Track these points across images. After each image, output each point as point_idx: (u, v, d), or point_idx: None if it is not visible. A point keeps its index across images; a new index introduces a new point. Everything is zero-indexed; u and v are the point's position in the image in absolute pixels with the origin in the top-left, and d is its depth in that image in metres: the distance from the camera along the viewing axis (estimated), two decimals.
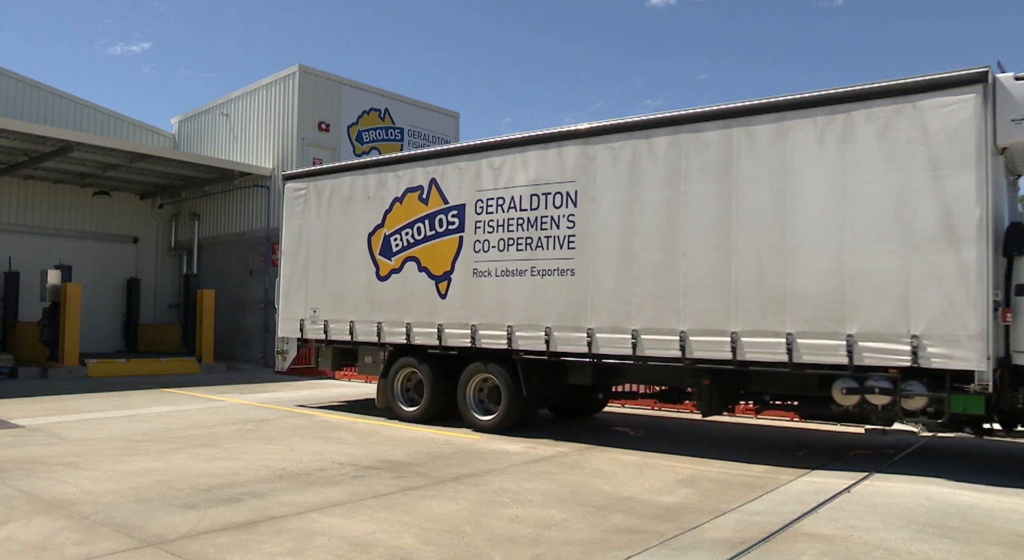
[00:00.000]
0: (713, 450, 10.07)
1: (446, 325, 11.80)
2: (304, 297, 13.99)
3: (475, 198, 11.67)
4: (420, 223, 12.34)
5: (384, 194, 12.90)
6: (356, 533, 6.02)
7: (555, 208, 10.84)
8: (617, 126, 10.43)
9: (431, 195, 12.25)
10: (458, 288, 11.72)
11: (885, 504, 7.15)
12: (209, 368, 23.64)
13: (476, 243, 11.58)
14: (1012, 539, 6.05)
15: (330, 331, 13.45)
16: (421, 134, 28.67)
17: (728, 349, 9.29)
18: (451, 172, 12.03)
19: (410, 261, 12.40)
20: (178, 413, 13.35)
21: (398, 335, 12.43)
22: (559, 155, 10.90)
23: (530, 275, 10.99)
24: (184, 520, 6.32)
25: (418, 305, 12.17)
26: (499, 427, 11.28)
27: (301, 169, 14.96)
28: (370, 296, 12.87)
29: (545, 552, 5.60)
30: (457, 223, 11.85)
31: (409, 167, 12.65)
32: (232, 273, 26.66)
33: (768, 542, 5.92)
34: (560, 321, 10.62)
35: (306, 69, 25.21)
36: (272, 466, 8.64)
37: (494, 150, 11.61)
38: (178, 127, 29.89)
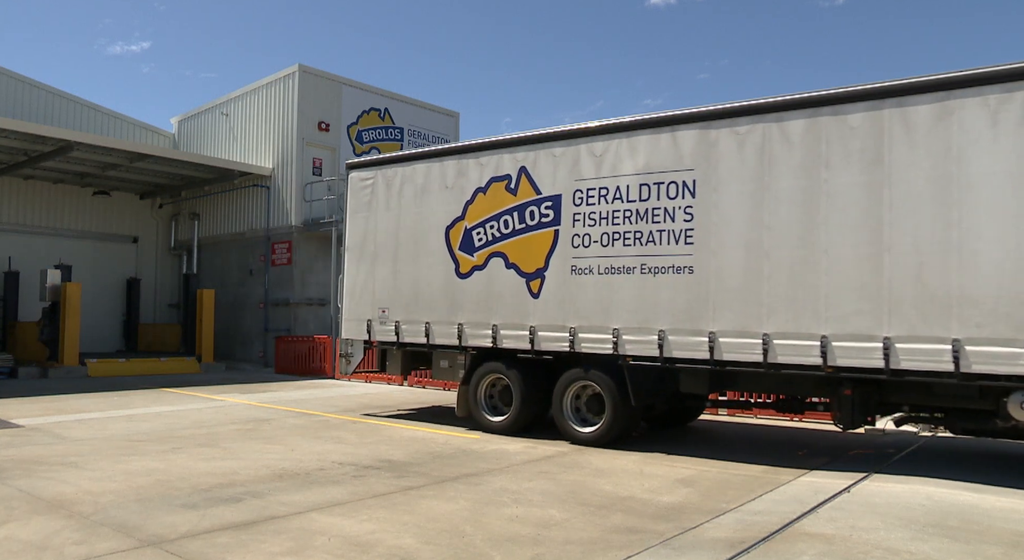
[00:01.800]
0: (713, 450, 10.07)
1: (539, 327, 10.79)
2: (372, 296, 12.96)
3: (573, 188, 10.64)
4: (508, 215, 11.29)
5: (464, 184, 11.86)
6: (356, 533, 6.02)
7: (669, 199, 9.84)
8: (743, 108, 9.46)
9: (520, 185, 11.20)
10: (553, 287, 10.70)
11: (885, 504, 7.15)
12: (209, 368, 23.64)
13: (575, 237, 10.54)
14: (1012, 539, 6.06)
15: (402, 333, 12.42)
16: (421, 134, 28.67)
17: (879, 356, 8.34)
18: (544, 159, 10.98)
19: (496, 257, 11.36)
20: (178, 413, 13.35)
21: (483, 338, 11.40)
22: (673, 141, 9.89)
23: (640, 273, 9.97)
24: (184, 520, 6.32)
25: (506, 305, 11.16)
26: (602, 439, 10.27)
27: (367, 157, 13.85)
28: (449, 295, 11.85)
29: (545, 552, 5.60)
30: (552, 215, 10.82)
31: (494, 154, 11.56)
32: (232, 273, 26.67)
33: (768, 542, 5.92)
34: (676, 323, 9.63)
35: (306, 69, 25.21)
36: (272, 466, 8.64)
37: (596, 135, 10.55)
38: (178, 127, 29.90)
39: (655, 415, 11.65)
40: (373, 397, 16.27)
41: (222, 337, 25.51)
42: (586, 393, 10.65)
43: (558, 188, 10.81)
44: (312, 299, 24.80)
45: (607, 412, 10.24)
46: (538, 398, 11.04)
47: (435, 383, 18.36)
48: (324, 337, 21.89)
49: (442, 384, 18.20)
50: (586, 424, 10.56)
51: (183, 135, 29.51)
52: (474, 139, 12.11)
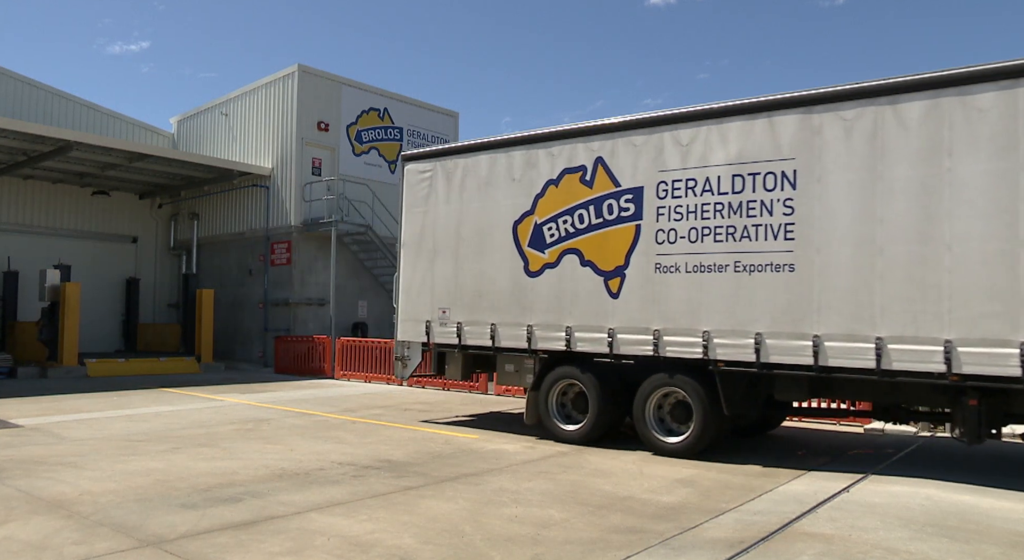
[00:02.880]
0: (712, 450, 10.07)
1: (619, 329, 10.04)
2: (430, 296, 12.22)
3: (656, 180, 9.89)
4: (583, 209, 10.54)
5: (534, 176, 11.11)
6: (355, 533, 6.02)
7: (766, 191, 9.12)
8: (850, 91, 8.73)
9: (597, 176, 10.43)
10: (635, 286, 9.95)
11: (884, 504, 7.16)
12: (208, 368, 23.64)
13: (659, 233, 9.82)
14: (1011, 538, 6.06)
15: (464, 335, 11.69)
16: (420, 134, 28.66)
17: (1016, 364, 7.56)
18: (623, 149, 10.21)
19: (570, 254, 10.62)
20: (177, 413, 13.35)
21: (555, 341, 10.68)
22: (770, 128, 9.18)
23: (733, 271, 9.25)
24: (183, 520, 6.32)
25: (581, 306, 10.43)
26: (691, 450, 9.54)
27: (425, 148, 12.97)
28: (517, 295, 11.12)
29: (544, 552, 5.60)
30: (633, 209, 10.06)
31: (567, 143, 10.80)
32: (231, 273, 26.67)
33: (767, 542, 5.92)
34: (775, 326, 8.93)
35: (305, 69, 25.21)
36: (271, 466, 8.64)
37: (681, 123, 9.82)
38: (177, 127, 29.90)
39: (740, 424, 10.76)
40: (374, 397, 16.27)
41: (221, 337, 25.51)
42: (669, 400, 9.91)
43: (639, 180, 10.05)
44: (312, 299, 24.79)
45: (696, 421, 9.51)
46: (615, 405, 10.34)
47: (435, 383, 18.37)
48: (324, 337, 21.90)
49: (441, 383, 18.22)
50: (670, 433, 9.84)
51: (182, 135, 29.51)
52: (543, 128, 11.23)
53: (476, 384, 17.64)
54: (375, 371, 19.87)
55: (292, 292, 24.57)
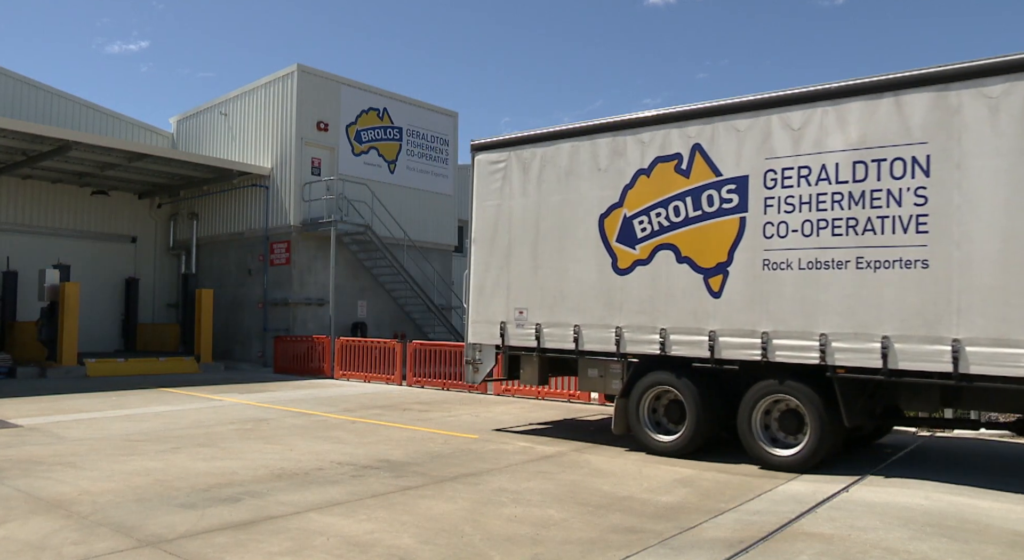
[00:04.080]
0: (711, 450, 10.07)
1: (721, 331, 9.25)
2: (505, 295, 11.44)
3: (763, 168, 9.07)
4: (679, 201, 9.71)
5: (622, 165, 10.27)
6: (355, 533, 6.02)
7: (894, 179, 8.25)
8: (995, 66, 7.77)
9: (695, 165, 9.62)
10: (739, 284, 9.15)
11: (883, 503, 7.16)
12: (207, 368, 23.64)
13: (767, 226, 8.99)
14: (1010, 538, 6.06)
15: (544, 337, 10.88)
16: (420, 133, 28.67)
17: None
18: (724, 135, 9.41)
19: (664, 249, 9.79)
20: (176, 413, 13.35)
21: (647, 344, 9.86)
22: (897, 108, 8.30)
23: (855, 267, 8.40)
24: (183, 520, 6.32)
25: (678, 305, 9.62)
26: (805, 464, 8.69)
27: (498, 137, 11.97)
28: (604, 294, 10.30)
29: (544, 551, 5.60)
30: (736, 200, 9.25)
31: (659, 129, 9.96)
32: (231, 273, 26.68)
33: (767, 541, 5.92)
34: (905, 329, 8.05)
35: (304, 68, 25.21)
36: (271, 466, 8.64)
37: (791, 105, 8.98)
38: (176, 126, 29.90)
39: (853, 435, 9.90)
40: (373, 397, 16.27)
41: (221, 337, 25.51)
42: (779, 409, 9.10)
43: (744, 168, 9.23)
44: (311, 299, 24.79)
45: (810, 431, 8.69)
46: (714, 415, 9.55)
47: (434, 382, 18.38)
48: (323, 337, 21.90)
49: (441, 383, 18.23)
50: (779, 445, 9.03)
51: (182, 135, 29.51)
52: (633, 113, 10.36)
53: None
54: (374, 371, 19.87)
55: (291, 292, 24.57)
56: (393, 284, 26.48)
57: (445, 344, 19.29)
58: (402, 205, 27.51)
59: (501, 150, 11.74)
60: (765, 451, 9.01)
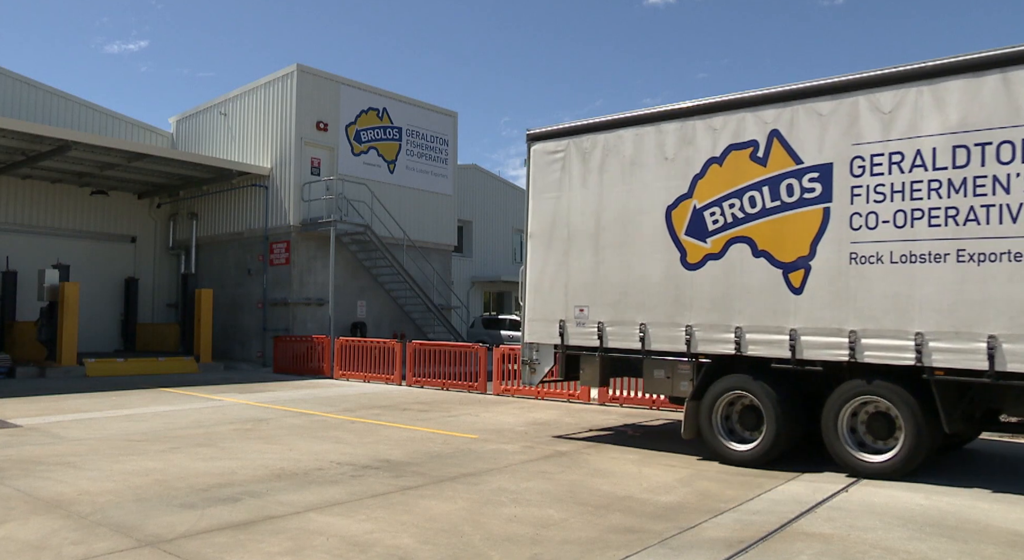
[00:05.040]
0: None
1: (803, 330, 8.67)
2: (564, 292, 10.85)
3: (850, 155, 8.47)
4: (754, 191, 9.13)
5: (691, 154, 9.70)
6: (354, 533, 6.02)
7: (1000, 164, 7.61)
8: None
9: (772, 152, 9.04)
10: (823, 279, 8.55)
11: (882, 503, 7.16)
12: (207, 367, 23.64)
13: (854, 217, 8.38)
14: (1009, 538, 6.07)
15: (607, 337, 10.32)
16: (419, 133, 28.68)
17: None
18: (805, 120, 8.83)
19: (739, 243, 9.23)
20: (176, 413, 13.34)
21: (720, 343, 9.29)
22: (1004, 86, 7.62)
23: (955, 261, 7.79)
24: (182, 520, 6.32)
25: (754, 302, 9.06)
26: (899, 470, 8.14)
27: (556, 125, 11.32)
28: (672, 290, 9.74)
29: (543, 551, 5.60)
30: (819, 190, 8.65)
31: (731, 115, 9.41)
32: (230, 273, 26.69)
33: (766, 541, 5.92)
34: (1016, 327, 7.44)
35: (304, 68, 25.21)
36: (270, 465, 8.63)
37: (881, 86, 8.34)
38: (176, 126, 29.91)
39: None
40: (373, 397, 16.27)
41: (220, 337, 25.52)
42: (867, 411, 8.50)
43: (827, 155, 8.64)
44: (310, 299, 24.79)
45: (905, 436, 8.11)
46: (794, 420, 8.93)
47: (433, 382, 18.38)
48: (322, 337, 21.89)
49: (441, 383, 18.22)
50: (864, 449, 8.46)
51: (181, 135, 29.52)
52: (702, 98, 9.80)
53: (475, 384, 17.66)
54: (374, 371, 19.87)
55: (291, 292, 24.58)
56: (393, 284, 26.49)
57: (445, 344, 19.30)
58: (402, 205, 27.52)
59: (559, 139, 11.14)
60: (853, 456, 8.41)
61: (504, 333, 30.37)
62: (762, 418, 8.98)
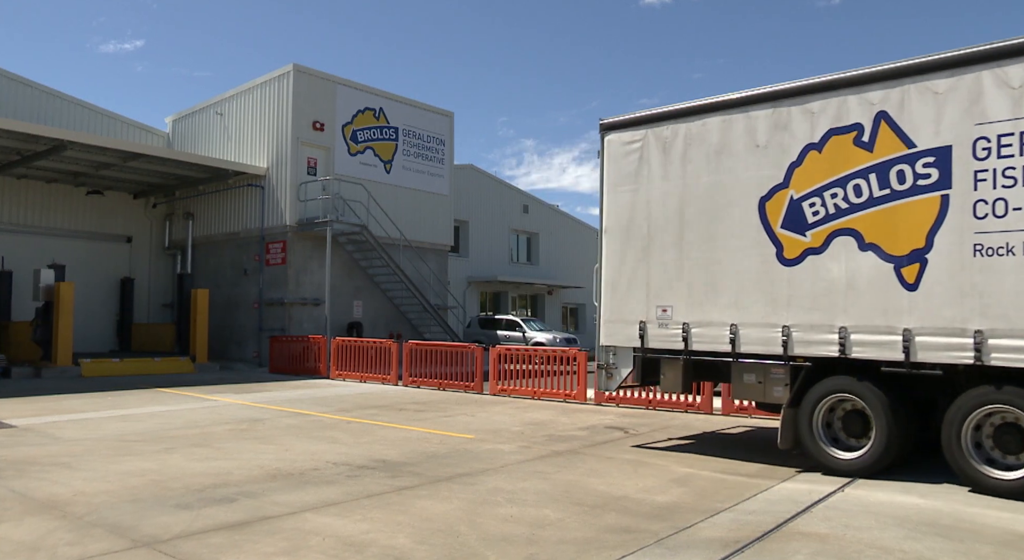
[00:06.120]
0: (707, 449, 10.08)
1: (918, 330, 7.89)
2: (645, 291, 10.12)
3: (972, 136, 7.68)
4: (860, 179, 8.39)
5: (786, 140, 8.99)
6: (350, 533, 6.01)
7: None
8: None
9: (879, 136, 8.30)
10: (942, 274, 7.78)
11: (878, 503, 7.17)
12: (203, 368, 23.62)
13: (978, 204, 7.59)
14: (1004, 537, 6.07)
15: (692, 338, 9.61)
16: (416, 133, 28.68)
17: None
18: (918, 99, 8.06)
19: (843, 235, 8.48)
20: (172, 413, 13.32)
21: (822, 345, 8.54)
22: None
23: None
24: (178, 520, 6.30)
25: (861, 300, 8.30)
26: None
27: (632, 114, 10.59)
28: (766, 288, 9.03)
29: (539, 551, 5.60)
30: (936, 176, 7.87)
31: (831, 97, 8.70)
32: (226, 272, 26.67)
33: (762, 541, 5.93)
34: None
35: (300, 68, 25.20)
36: (266, 466, 8.62)
37: (1009, 58, 7.51)
38: (172, 126, 29.88)
39: None
40: (369, 397, 16.26)
41: (216, 337, 25.49)
42: (993, 422, 7.64)
43: (945, 138, 7.87)
44: (307, 299, 24.78)
45: None
46: (906, 427, 8.25)
47: (430, 382, 18.37)
48: (319, 337, 21.87)
49: (437, 383, 18.21)
50: (994, 465, 7.57)
51: (177, 134, 29.49)
52: (796, 80, 9.10)
53: (472, 384, 17.66)
54: (370, 371, 19.85)
55: (287, 292, 24.56)
56: (389, 284, 26.48)
57: (441, 344, 19.29)
58: (398, 205, 27.51)
59: (636, 128, 10.41)
60: (978, 471, 7.58)
61: (500, 333, 30.37)
62: (868, 424, 8.35)
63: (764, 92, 9.26)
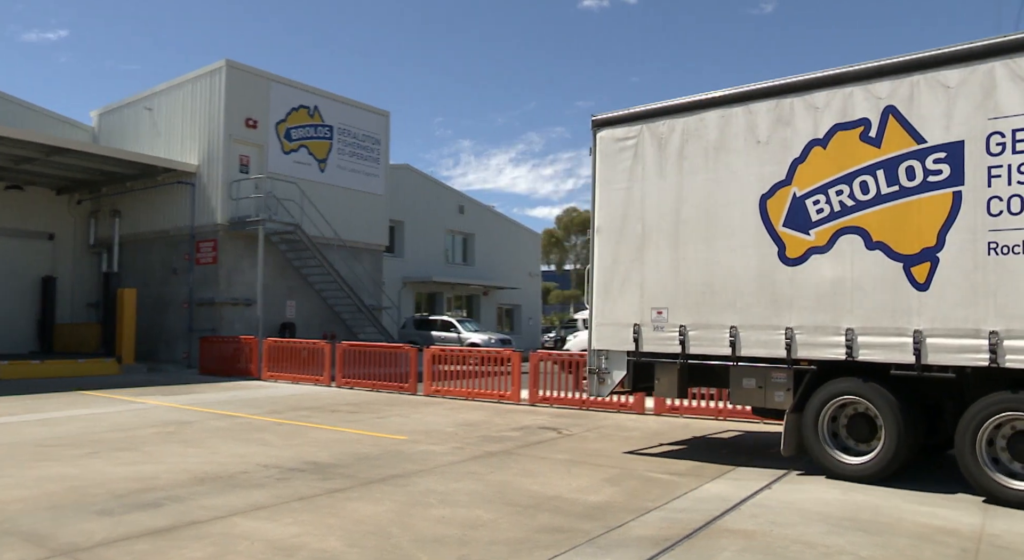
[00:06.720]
0: (639, 449, 10.22)
1: (930, 331, 7.63)
2: (639, 293, 9.81)
3: (986, 130, 7.46)
4: (867, 176, 8.14)
5: (788, 136, 8.73)
6: (280, 536, 5.92)
7: None
8: None
9: (887, 131, 8.06)
10: (954, 273, 7.53)
11: (803, 500, 7.36)
12: (130, 369, 22.99)
13: (992, 201, 7.35)
14: (919, 531, 6.30)
15: (690, 341, 9.31)
16: (351, 132, 28.40)
17: None
18: (928, 93, 7.85)
19: (849, 233, 8.22)
20: (96, 416, 12.92)
21: (827, 347, 8.28)
22: None
23: None
24: (99, 527, 6.12)
25: (869, 300, 8.04)
26: None
27: (627, 109, 10.23)
28: (768, 288, 8.74)
29: (471, 552, 5.60)
30: (947, 172, 7.64)
31: (836, 90, 8.45)
32: (155, 271, 26.00)
33: (691, 539, 6.03)
34: None
35: (233, 64, 24.73)
36: (193, 469, 8.43)
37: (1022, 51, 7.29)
38: (98, 120, 28.99)
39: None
40: (301, 398, 16.03)
41: (144, 338, 24.86)
42: (1010, 427, 7.34)
43: (957, 132, 7.65)
44: (238, 299, 24.32)
45: None
46: (915, 431, 8.02)
47: (364, 383, 18.21)
48: (250, 338, 21.49)
49: (371, 384, 18.06)
50: (1014, 477, 7.25)
51: (104, 129, 28.62)
52: (800, 74, 8.87)
53: (406, 384, 17.56)
54: (303, 372, 19.59)
55: (218, 292, 24.07)
56: (323, 284, 26.18)
57: (375, 345, 19.14)
58: (332, 204, 27.22)
59: (630, 124, 10.08)
60: (993, 481, 7.27)
61: (435, 334, 30.27)
62: (875, 427, 8.13)
63: (765, 87, 9.03)
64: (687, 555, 5.62)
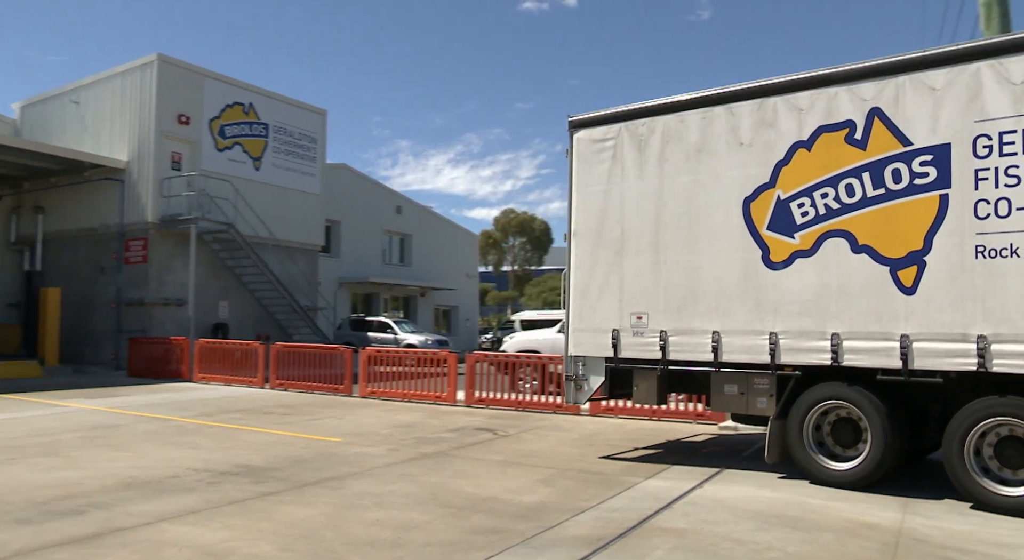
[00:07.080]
0: (574, 449, 10.29)
1: (917, 335, 7.51)
2: (618, 298, 9.57)
3: (972, 133, 7.37)
4: (852, 178, 8.01)
5: (772, 138, 8.57)
6: (210, 542, 5.80)
7: None
8: None
9: (873, 133, 7.95)
10: (941, 277, 7.42)
11: (734, 497, 7.51)
12: (53, 371, 22.25)
13: (979, 204, 7.27)
14: (844, 526, 6.49)
15: (670, 347, 9.10)
16: (287, 131, 28.01)
17: None
18: (913, 95, 7.75)
19: (834, 237, 8.08)
20: (15, 420, 12.47)
21: (813, 352, 8.11)
22: None
23: None
24: (16, 537, 5.90)
25: (855, 305, 7.91)
26: None
27: (605, 110, 9.98)
28: (751, 293, 8.56)
29: (405, 555, 5.57)
30: (934, 175, 7.54)
31: (820, 92, 8.31)
32: (81, 270, 25.22)
33: (624, 538, 6.10)
34: None
35: (165, 58, 24.17)
36: (120, 474, 8.20)
37: (1010, 53, 7.26)
38: (21, 113, 27.99)
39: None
40: (233, 401, 15.72)
41: (69, 339, 24.10)
42: (993, 435, 7.22)
43: (943, 135, 7.54)
44: (169, 299, 23.75)
45: None
46: (901, 436, 7.89)
47: (298, 385, 17.96)
48: (182, 338, 21.00)
49: (306, 386, 17.82)
50: (1004, 483, 7.11)
51: (27, 122, 27.65)
52: (784, 75, 8.69)
53: (341, 386, 17.37)
54: (236, 374, 19.23)
55: (148, 291, 23.48)
56: (257, 284, 25.74)
57: (310, 346, 18.90)
58: (267, 203, 26.80)
59: (609, 125, 9.85)
60: (982, 488, 7.14)
61: (372, 335, 30.01)
62: (860, 432, 8.03)
63: (747, 88, 8.85)
64: (620, 554, 5.68)
